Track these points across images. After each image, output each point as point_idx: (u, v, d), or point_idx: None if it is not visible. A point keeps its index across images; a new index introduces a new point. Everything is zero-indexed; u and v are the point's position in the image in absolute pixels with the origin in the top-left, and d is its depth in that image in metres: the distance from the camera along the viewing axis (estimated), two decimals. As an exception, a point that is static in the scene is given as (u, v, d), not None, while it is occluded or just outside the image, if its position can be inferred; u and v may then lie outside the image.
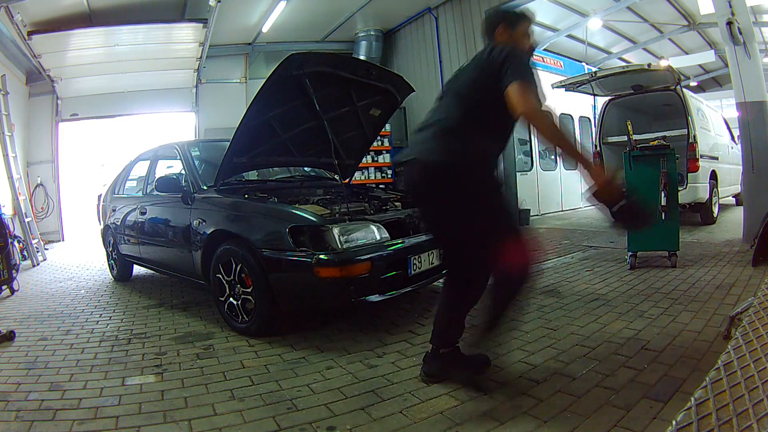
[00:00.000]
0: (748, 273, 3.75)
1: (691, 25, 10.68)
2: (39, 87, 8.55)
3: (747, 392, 1.27)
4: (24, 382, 2.35)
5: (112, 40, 7.34)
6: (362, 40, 9.55)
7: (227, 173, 3.40)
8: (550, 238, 6.35)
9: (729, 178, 7.49)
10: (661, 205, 3.96)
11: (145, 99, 9.21)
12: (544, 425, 1.73)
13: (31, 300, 4.28)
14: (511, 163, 7.80)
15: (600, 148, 7.05)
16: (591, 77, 6.56)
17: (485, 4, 7.59)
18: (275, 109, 3.23)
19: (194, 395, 2.13)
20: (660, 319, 2.79)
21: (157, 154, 4.45)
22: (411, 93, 3.98)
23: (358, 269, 2.60)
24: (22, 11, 6.02)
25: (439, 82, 8.71)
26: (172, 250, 3.73)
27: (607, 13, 9.62)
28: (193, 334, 3.06)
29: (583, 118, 10.71)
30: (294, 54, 3.02)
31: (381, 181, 9.08)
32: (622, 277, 3.90)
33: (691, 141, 6.08)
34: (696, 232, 6.07)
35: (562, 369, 2.20)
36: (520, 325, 2.86)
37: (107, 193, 5.24)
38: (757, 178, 4.78)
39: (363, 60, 5.98)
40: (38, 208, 8.64)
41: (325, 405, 1.98)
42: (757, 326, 1.75)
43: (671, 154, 4.01)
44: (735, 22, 4.53)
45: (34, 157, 8.74)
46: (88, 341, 2.99)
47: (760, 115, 4.70)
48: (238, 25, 8.52)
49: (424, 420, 1.82)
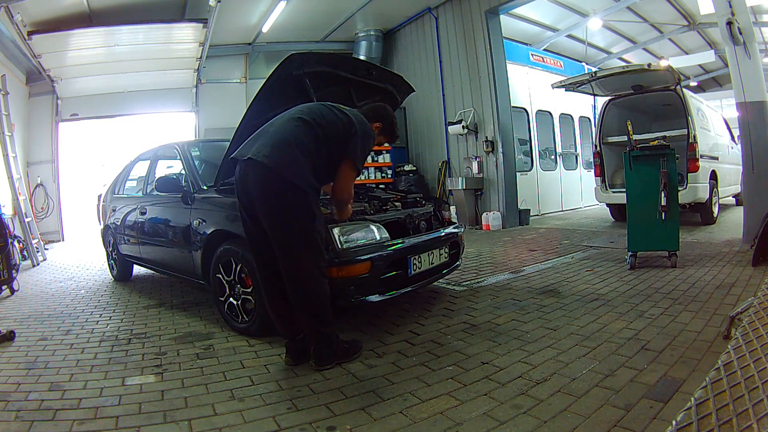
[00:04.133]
0: (748, 273, 3.75)
1: (691, 25, 10.69)
2: (39, 87, 8.56)
3: (747, 392, 1.27)
4: (24, 382, 2.35)
5: (112, 40, 7.35)
6: (362, 40, 9.56)
7: (227, 173, 3.39)
8: (550, 238, 6.35)
9: (729, 178, 7.49)
10: (661, 205, 3.96)
11: (145, 99, 9.22)
12: (544, 425, 1.73)
13: (31, 300, 4.28)
14: (511, 163, 7.80)
15: (600, 148, 7.05)
16: (591, 77, 6.56)
17: (485, 4, 7.61)
18: (275, 108, 3.21)
19: (194, 395, 2.13)
20: (660, 319, 2.79)
21: (157, 154, 4.45)
22: (411, 93, 3.99)
23: (358, 269, 2.61)
24: (22, 11, 6.02)
25: (439, 82, 8.72)
26: (172, 250, 3.73)
27: (607, 13, 9.63)
28: (193, 334, 3.06)
29: (583, 118, 10.72)
30: (294, 54, 3.02)
31: (381, 181, 9.09)
32: (622, 277, 3.91)
33: (691, 141, 6.08)
34: (696, 232, 6.07)
35: (562, 369, 2.20)
36: (520, 325, 2.87)
37: (107, 193, 5.24)
38: (757, 178, 4.78)
39: (363, 60, 5.99)
40: (38, 208, 8.64)
41: (325, 405, 1.98)
42: (757, 326, 1.75)
43: (671, 154, 4.01)
44: (735, 22, 4.53)
45: (34, 157, 8.75)
46: (88, 341, 3.00)
47: (760, 115, 4.70)
48: (238, 25, 8.53)
49: (424, 420, 1.82)
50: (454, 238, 3.41)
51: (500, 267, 4.65)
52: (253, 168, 2.27)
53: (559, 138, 9.93)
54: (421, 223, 3.26)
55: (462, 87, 8.28)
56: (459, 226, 3.63)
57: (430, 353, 2.50)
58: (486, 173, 7.98)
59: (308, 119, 2.36)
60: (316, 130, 2.34)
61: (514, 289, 3.72)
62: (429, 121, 9.26)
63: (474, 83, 8.01)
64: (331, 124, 2.39)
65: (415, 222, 3.20)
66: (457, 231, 3.49)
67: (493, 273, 4.38)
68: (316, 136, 2.34)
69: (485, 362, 2.34)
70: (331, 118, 2.41)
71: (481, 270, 4.53)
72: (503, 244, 6.07)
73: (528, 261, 4.85)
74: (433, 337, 2.74)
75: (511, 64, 8.23)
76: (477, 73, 7.91)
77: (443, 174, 8.85)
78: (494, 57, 7.60)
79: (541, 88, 8.94)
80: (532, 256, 5.08)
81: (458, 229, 3.53)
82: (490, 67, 7.64)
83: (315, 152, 2.32)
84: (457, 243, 3.47)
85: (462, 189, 7.93)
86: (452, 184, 8.21)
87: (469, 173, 8.16)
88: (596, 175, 7.13)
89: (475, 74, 7.94)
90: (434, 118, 9.05)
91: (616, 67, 6.72)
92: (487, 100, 7.78)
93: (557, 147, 9.87)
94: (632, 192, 4.15)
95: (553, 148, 9.81)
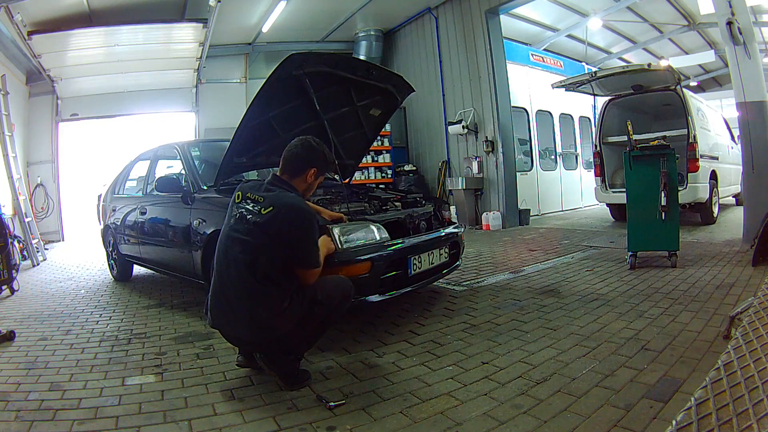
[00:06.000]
0: (748, 273, 3.75)
1: (691, 25, 10.69)
2: (39, 87, 8.56)
3: (747, 392, 1.27)
4: (24, 382, 2.35)
5: (112, 40, 7.35)
6: (362, 40, 9.56)
7: (227, 173, 3.40)
8: (550, 238, 6.35)
9: (729, 178, 7.49)
10: (661, 205, 3.96)
11: (145, 99, 9.21)
12: (544, 425, 1.73)
13: (31, 300, 4.28)
14: (511, 163, 7.80)
15: (600, 148, 7.05)
16: (591, 77, 6.56)
17: (485, 4, 7.60)
18: (275, 109, 3.23)
19: (194, 395, 2.14)
20: (660, 319, 2.79)
21: (157, 154, 4.45)
22: (411, 93, 3.98)
23: (358, 269, 2.61)
24: (22, 11, 6.02)
25: (439, 82, 8.72)
26: (172, 250, 3.73)
27: (607, 13, 9.63)
28: (193, 334, 3.06)
29: (583, 118, 10.72)
30: (294, 54, 3.02)
31: (381, 181, 9.09)
32: (622, 277, 3.90)
33: (691, 141, 6.08)
34: (696, 232, 6.07)
35: (562, 369, 2.20)
36: (520, 325, 2.87)
37: (107, 193, 5.24)
38: (757, 178, 4.77)
39: (363, 60, 5.99)
40: (38, 208, 8.64)
41: (325, 405, 1.98)
42: (757, 326, 1.75)
43: (671, 154, 4.01)
44: (735, 22, 4.53)
45: (34, 157, 8.75)
46: (88, 341, 3.00)
47: (760, 115, 4.69)
48: (238, 25, 8.53)
49: (424, 420, 1.82)
50: (454, 238, 3.41)
51: (500, 267, 4.65)
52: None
53: (559, 138, 9.93)
54: (421, 223, 3.26)
55: (462, 87, 8.28)
56: (459, 226, 3.63)
57: (430, 353, 2.50)
58: (486, 173, 7.98)
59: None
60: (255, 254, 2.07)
61: (514, 289, 3.72)
62: (429, 121, 9.26)
63: (474, 83, 8.01)
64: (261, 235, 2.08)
65: (415, 222, 3.20)
66: (457, 231, 3.49)
67: (493, 273, 4.38)
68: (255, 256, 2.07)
69: (485, 362, 2.34)
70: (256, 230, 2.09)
71: (481, 270, 4.53)
72: (503, 244, 6.06)
73: (528, 261, 4.85)
74: (433, 337, 2.74)
75: (511, 64, 8.22)
76: (477, 73, 7.91)
77: (443, 174, 8.85)
78: (494, 57, 7.60)
79: (541, 88, 8.93)
80: (532, 256, 5.08)
81: (458, 229, 3.53)
82: (490, 67, 7.64)
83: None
84: (457, 243, 3.47)
85: (462, 189, 7.93)
86: (452, 184, 8.21)
87: (469, 173, 8.16)
88: (596, 175, 7.13)
89: (475, 74, 7.94)
90: (434, 118, 9.05)
91: (616, 67, 6.72)
92: (487, 100, 7.78)
93: (557, 147, 9.87)
94: (632, 192, 4.15)
95: (553, 148, 9.81)
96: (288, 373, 2.17)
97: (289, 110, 3.31)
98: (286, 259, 2.08)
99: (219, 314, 2.18)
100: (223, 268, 2.15)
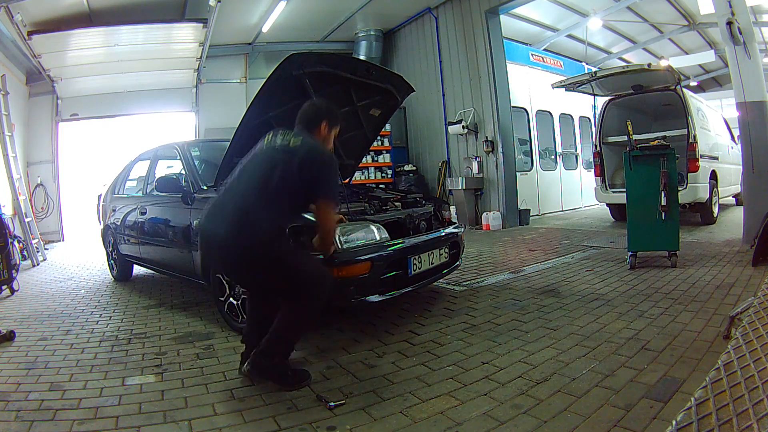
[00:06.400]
0: (748, 273, 3.75)
1: (691, 25, 10.69)
2: (39, 87, 8.55)
3: (747, 392, 1.27)
4: (24, 382, 2.35)
5: (112, 40, 7.34)
6: (362, 40, 9.55)
7: (227, 173, 3.39)
8: (550, 238, 6.35)
9: (729, 178, 7.49)
10: (661, 205, 3.96)
11: (145, 99, 9.21)
12: (544, 425, 1.73)
13: (31, 300, 4.28)
14: (511, 163, 7.80)
15: (600, 148, 7.05)
16: (591, 77, 6.56)
17: (485, 4, 7.60)
18: (275, 109, 3.23)
19: (194, 395, 2.14)
20: (660, 319, 2.79)
21: (157, 154, 4.44)
22: (411, 93, 3.98)
23: (358, 269, 2.61)
24: (22, 11, 6.01)
25: (439, 82, 8.72)
26: (172, 250, 3.73)
27: (607, 13, 9.63)
28: (193, 334, 3.06)
29: (583, 118, 10.71)
30: (294, 54, 3.02)
31: (381, 181, 9.09)
32: (622, 277, 3.90)
33: (691, 141, 6.08)
34: (696, 232, 6.07)
35: (562, 369, 2.20)
36: (520, 325, 2.87)
37: (107, 193, 5.24)
38: (757, 178, 4.78)
39: (363, 60, 5.98)
40: (38, 208, 8.64)
41: (325, 405, 1.98)
42: (757, 326, 1.75)
43: (671, 154, 4.01)
44: (735, 22, 4.53)
45: (34, 157, 8.75)
46: (88, 341, 3.00)
47: (760, 115, 4.69)
48: (238, 25, 8.52)
49: (424, 420, 1.82)
50: (454, 238, 3.41)
51: (500, 267, 4.65)
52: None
53: (559, 138, 9.93)
54: (421, 223, 3.26)
55: (462, 87, 8.28)
56: (459, 226, 3.63)
57: (430, 353, 2.50)
58: (486, 173, 7.98)
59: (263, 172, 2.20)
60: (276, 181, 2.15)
61: (514, 289, 3.72)
62: (429, 121, 9.26)
63: (474, 83, 8.01)
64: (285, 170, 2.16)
65: (415, 222, 3.20)
66: (457, 231, 3.49)
67: (493, 273, 4.38)
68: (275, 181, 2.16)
69: (485, 362, 2.34)
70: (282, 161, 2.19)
71: (481, 270, 4.53)
72: (503, 244, 6.06)
73: (528, 261, 4.85)
74: (433, 337, 2.74)
75: (511, 64, 8.22)
76: (477, 73, 7.91)
77: (443, 174, 8.85)
78: (494, 57, 7.60)
79: (541, 88, 8.93)
80: (532, 256, 5.08)
81: (458, 229, 3.53)
82: (490, 67, 7.64)
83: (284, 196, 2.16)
84: (457, 243, 3.48)
85: (462, 189, 7.93)
86: (452, 184, 8.20)
87: (469, 173, 8.16)
88: (596, 175, 7.13)
89: (475, 74, 7.94)
90: (434, 118, 9.05)
91: (616, 67, 6.72)
92: (487, 100, 7.78)
93: (557, 147, 9.87)
94: (632, 192, 4.15)
95: (553, 148, 9.80)
96: (280, 374, 2.16)
97: (289, 110, 3.29)
98: (301, 189, 2.13)
99: (210, 217, 2.23)
100: (234, 181, 2.27)
